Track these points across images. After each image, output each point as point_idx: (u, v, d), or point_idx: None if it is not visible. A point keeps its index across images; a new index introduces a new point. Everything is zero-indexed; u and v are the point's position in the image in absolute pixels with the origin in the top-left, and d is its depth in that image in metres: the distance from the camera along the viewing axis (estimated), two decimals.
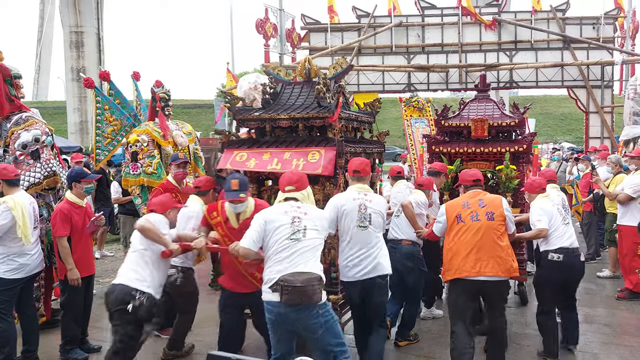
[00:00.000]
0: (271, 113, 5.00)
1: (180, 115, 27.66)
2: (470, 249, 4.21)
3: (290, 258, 3.54)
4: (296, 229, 3.61)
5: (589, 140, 13.39)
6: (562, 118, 39.47)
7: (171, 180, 5.77)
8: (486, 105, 6.87)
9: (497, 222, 4.28)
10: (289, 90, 5.37)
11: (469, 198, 4.46)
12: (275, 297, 3.49)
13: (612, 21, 13.28)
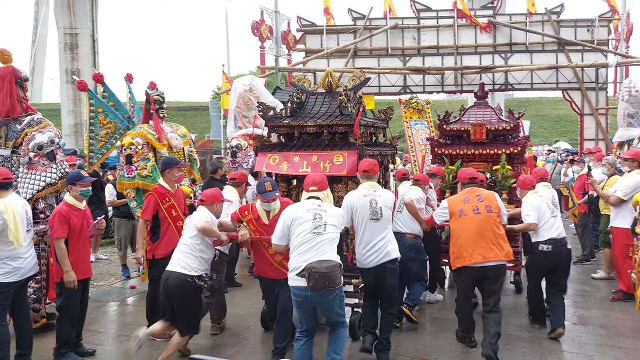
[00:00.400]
0: (299, 120, 5.66)
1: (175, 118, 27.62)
2: (476, 240, 4.89)
3: (314, 249, 4.10)
4: (318, 224, 4.18)
5: (583, 141, 13.45)
6: (557, 120, 39.56)
7: (163, 184, 5.65)
8: (484, 111, 7.45)
9: (494, 213, 5.00)
10: (312, 99, 6.01)
11: (467, 194, 5.16)
12: (302, 282, 4.05)
13: (606, 23, 13.35)
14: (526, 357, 5.10)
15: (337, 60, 13.91)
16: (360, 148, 5.31)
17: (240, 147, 9.16)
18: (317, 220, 4.20)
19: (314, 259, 4.05)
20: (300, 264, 4.09)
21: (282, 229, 4.29)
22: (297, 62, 14.01)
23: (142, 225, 5.60)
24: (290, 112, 5.91)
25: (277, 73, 12.10)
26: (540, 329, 5.78)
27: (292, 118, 5.78)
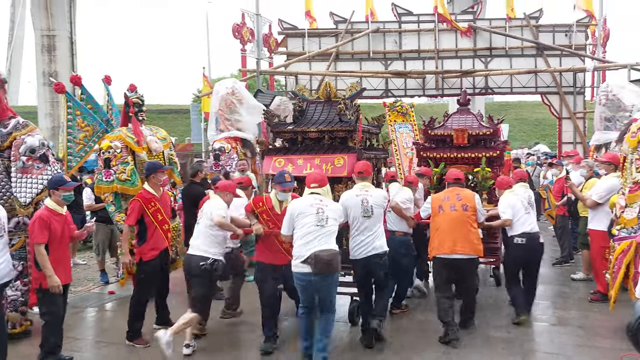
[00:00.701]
0: (302, 126, 6.25)
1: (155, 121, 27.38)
2: (449, 233, 5.47)
3: (318, 239, 4.63)
4: (321, 218, 4.70)
5: (562, 145, 13.62)
6: (536, 124, 40.10)
7: (149, 189, 5.66)
8: (466, 117, 7.91)
9: (470, 212, 5.56)
10: (312, 107, 6.57)
11: (448, 193, 5.77)
12: (306, 269, 4.59)
13: (583, 29, 13.57)
14: (506, 358, 5.12)
15: (319, 63, 13.91)
16: (359, 152, 5.91)
17: (224, 150, 9.11)
18: (320, 214, 4.70)
19: (318, 248, 4.58)
20: (304, 252, 4.61)
21: (288, 221, 4.82)
22: (278, 65, 13.97)
23: (127, 230, 5.67)
24: (293, 119, 6.50)
25: (259, 76, 12.04)
26: (520, 332, 5.83)
27: (295, 124, 6.34)
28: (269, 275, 5.31)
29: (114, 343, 5.68)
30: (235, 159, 9.14)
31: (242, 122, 9.61)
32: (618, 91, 9.48)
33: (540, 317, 6.43)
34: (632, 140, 4.96)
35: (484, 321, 6.12)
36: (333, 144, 6.15)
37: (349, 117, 6.02)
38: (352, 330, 5.89)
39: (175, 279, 7.13)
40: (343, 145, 6.10)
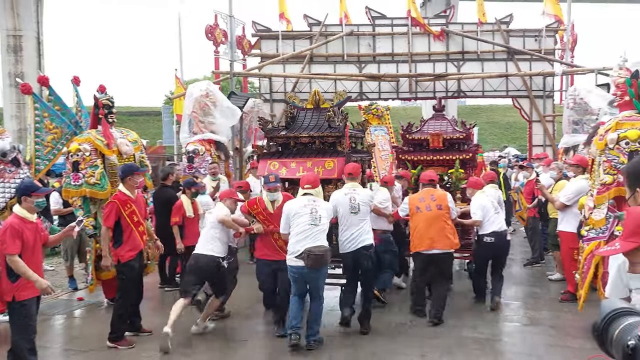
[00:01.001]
0: (294, 132, 6.77)
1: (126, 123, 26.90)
2: (426, 231, 6.12)
3: (311, 237, 5.19)
4: (315, 217, 5.26)
5: (532, 147, 13.85)
6: (507, 127, 40.76)
7: (125, 191, 5.64)
8: (441, 122, 8.50)
9: (444, 211, 6.21)
10: (302, 114, 7.08)
11: (423, 194, 6.39)
12: (299, 263, 5.17)
13: (552, 34, 13.83)
14: (479, 358, 5.17)
15: (293, 65, 13.86)
16: (347, 155, 6.49)
17: (198, 152, 8.99)
18: (313, 214, 5.26)
19: (311, 245, 5.14)
20: (299, 248, 5.18)
21: (285, 221, 5.39)
22: (252, 67, 13.87)
23: (105, 232, 5.69)
24: (285, 125, 7.05)
25: (232, 78, 11.92)
26: (492, 332, 5.89)
27: (287, 130, 6.88)
28: (267, 269, 5.88)
29: (83, 351, 5.55)
30: (209, 161, 9.04)
31: (216, 125, 9.50)
32: (585, 95, 9.68)
33: (512, 318, 6.52)
34: (599, 143, 5.05)
35: (457, 322, 6.18)
36: (323, 148, 6.66)
37: (338, 123, 6.57)
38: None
39: (147, 284, 7.00)
40: (332, 149, 6.63)
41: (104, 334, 5.65)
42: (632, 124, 4.79)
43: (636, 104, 4.87)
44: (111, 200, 5.66)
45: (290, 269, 5.32)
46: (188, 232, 7.11)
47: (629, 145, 4.73)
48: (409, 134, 8.32)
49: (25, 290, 4.46)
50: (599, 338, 1.44)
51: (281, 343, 5.58)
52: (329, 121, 6.64)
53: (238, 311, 6.71)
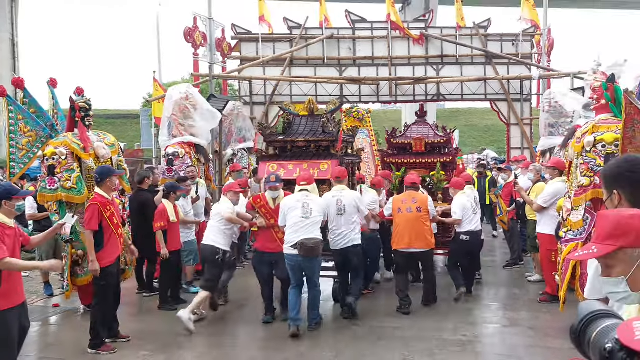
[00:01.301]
0: (291, 137, 7.43)
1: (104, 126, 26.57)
2: (406, 231, 6.63)
3: (304, 229, 5.83)
4: (306, 211, 5.88)
5: (510, 150, 14.00)
6: (486, 130, 41.26)
7: (102, 194, 5.59)
8: (424, 127, 9.11)
9: (423, 213, 6.71)
10: (298, 120, 7.73)
11: (405, 196, 6.88)
12: (294, 252, 5.82)
13: (529, 38, 14.01)
14: (460, 359, 5.20)
15: (274, 68, 13.81)
16: (340, 158, 7.16)
17: (177, 154, 8.89)
18: (305, 208, 5.88)
19: (304, 237, 5.75)
20: (294, 239, 5.81)
21: (282, 215, 6.00)
22: (232, 70, 13.78)
23: (90, 236, 5.50)
24: (283, 130, 7.75)
25: (212, 80, 11.83)
26: (473, 334, 5.93)
27: (285, 135, 7.54)
28: (265, 261, 6.36)
29: (60, 358, 5.43)
30: (188, 164, 8.95)
31: (196, 128, 9.41)
32: (560, 98, 9.84)
33: (492, 319, 6.57)
34: (577, 146, 5.12)
35: (438, 325, 6.21)
36: (318, 152, 7.29)
37: (331, 129, 7.20)
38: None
39: (125, 289, 6.88)
40: (327, 152, 7.27)
41: (81, 341, 5.54)
42: (609, 127, 4.86)
43: (612, 107, 4.95)
44: (92, 203, 5.54)
45: (287, 258, 5.94)
46: (170, 237, 7.02)
47: (606, 148, 4.80)
48: (393, 138, 8.89)
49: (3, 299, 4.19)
50: (577, 340, 1.44)
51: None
52: (323, 127, 7.31)
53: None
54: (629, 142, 3.15)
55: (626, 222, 1.72)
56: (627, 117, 3.13)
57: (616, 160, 2.09)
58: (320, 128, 7.38)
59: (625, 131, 3.16)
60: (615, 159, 2.09)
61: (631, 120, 3.10)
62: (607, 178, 2.14)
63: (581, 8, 34.85)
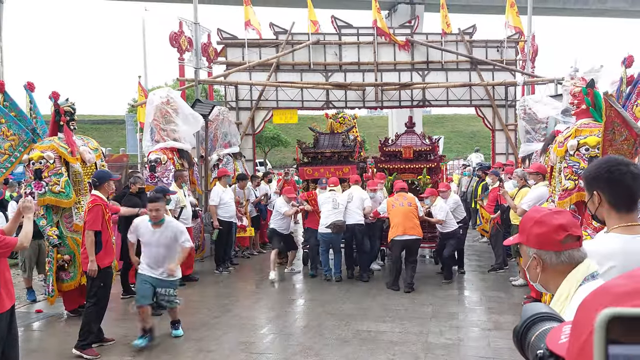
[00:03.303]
0: (320, 149, 10.40)
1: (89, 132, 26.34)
2: (401, 222, 8.04)
3: (333, 215, 8.56)
4: (335, 204, 8.64)
5: (495, 156, 14.13)
6: (471, 135, 41.63)
7: (100, 196, 5.67)
8: (412, 137, 10.40)
9: (413, 207, 8.25)
10: (323, 137, 10.77)
11: (398, 196, 8.39)
12: (328, 230, 8.53)
13: (514, 45, 14.18)
14: None
15: (259, 73, 13.82)
16: (357, 164, 10.19)
17: (160, 160, 8.83)
18: (334, 202, 8.63)
19: (334, 219, 8.49)
20: (327, 221, 8.54)
21: (320, 204, 8.86)
22: (218, 75, 13.76)
23: (92, 237, 5.53)
24: (313, 144, 10.52)
25: (197, 85, 11.80)
26: (458, 337, 5.96)
27: (315, 148, 10.46)
28: (313, 235, 9.12)
29: None
30: (171, 170, 8.90)
31: (179, 132, 9.36)
32: (533, 105, 10.04)
33: (477, 322, 6.60)
34: (559, 150, 5.19)
35: (424, 329, 6.23)
36: (339, 160, 10.22)
37: (349, 143, 10.34)
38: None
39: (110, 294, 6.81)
40: (346, 160, 10.26)
41: (64, 347, 5.48)
42: (591, 131, 4.93)
43: (592, 112, 5.03)
44: (95, 204, 5.57)
45: (322, 235, 8.71)
46: None
47: (589, 152, 4.87)
48: (385, 146, 10.34)
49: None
50: (519, 343, 1.38)
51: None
52: (343, 141, 10.39)
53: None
54: (609, 144, 3.20)
55: (525, 223, 1.83)
56: (607, 119, 3.19)
57: (596, 161, 2.14)
58: (341, 142, 10.37)
59: (606, 133, 3.22)
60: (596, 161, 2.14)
61: (611, 123, 3.15)
62: (588, 179, 2.19)
63: (565, 16, 35.37)
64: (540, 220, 1.76)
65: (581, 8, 33.00)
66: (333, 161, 10.19)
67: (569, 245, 1.72)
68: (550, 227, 1.73)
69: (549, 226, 1.74)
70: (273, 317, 6.99)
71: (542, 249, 1.74)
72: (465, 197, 14.00)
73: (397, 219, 8.10)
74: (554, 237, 1.72)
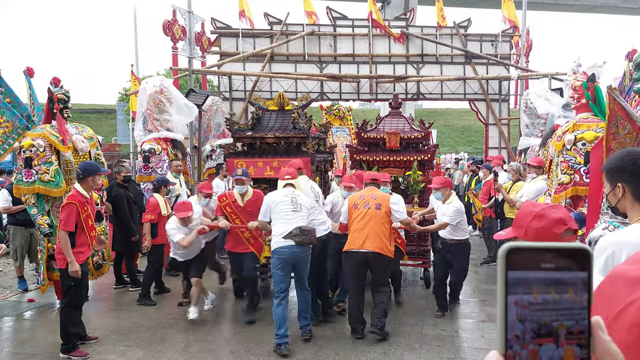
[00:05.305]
0: (260, 132, 7.06)
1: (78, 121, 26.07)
2: (360, 229, 5.48)
3: (294, 221, 5.35)
4: (295, 204, 5.46)
5: (488, 150, 14.18)
6: (463, 130, 41.75)
7: (81, 191, 5.29)
8: (398, 120, 7.96)
9: (382, 212, 5.54)
10: (267, 115, 7.37)
11: (365, 192, 5.76)
12: (288, 242, 5.26)
13: (508, 39, 14.20)
14: (440, 354, 5.24)
15: (254, 64, 13.73)
16: (312, 156, 6.80)
17: (154, 151, 8.75)
18: (294, 202, 5.47)
19: (296, 225, 5.30)
20: (286, 228, 5.29)
21: (265, 209, 5.53)
22: (211, 65, 13.65)
23: (66, 237, 5.17)
24: (251, 126, 7.25)
25: (191, 75, 11.70)
26: (452, 329, 5.99)
27: (253, 130, 7.13)
28: (237, 261, 6.23)
29: (35, 354, 5.32)
30: (165, 161, 8.82)
31: (172, 122, 9.27)
32: (535, 100, 10.03)
33: (471, 314, 6.64)
34: (557, 144, 5.20)
35: (418, 321, 6.26)
36: (288, 149, 6.98)
37: (302, 125, 6.90)
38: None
39: (102, 284, 6.79)
40: (297, 149, 6.94)
41: (56, 337, 5.41)
42: (589, 126, 4.96)
43: (592, 106, 5.05)
44: (69, 201, 5.21)
45: (278, 252, 5.31)
46: (160, 230, 6.96)
47: (586, 146, 4.90)
48: (364, 132, 7.75)
49: None
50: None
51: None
52: (293, 123, 6.98)
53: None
54: (613, 137, 3.22)
55: (522, 217, 1.86)
56: (611, 112, 3.20)
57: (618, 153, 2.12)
58: (291, 124, 6.97)
59: (609, 127, 3.24)
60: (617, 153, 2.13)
61: (614, 117, 3.17)
62: (611, 171, 2.16)
63: (559, 11, 35.52)
64: (539, 214, 1.77)
65: (574, 4, 33.18)
66: (277, 151, 7.02)
67: (568, 238, 1.74)
68: (550, 221, 1.75)
69: (549, 220, 1.75)
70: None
71: None
72: (457, 190, 14.05)
73: (355, 225, 5.53)
74: (554, 230, 1.73)
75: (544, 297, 0.65)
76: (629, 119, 3.15)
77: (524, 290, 0.66)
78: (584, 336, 0.66)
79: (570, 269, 0.66)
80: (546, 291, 0.65)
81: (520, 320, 0.66)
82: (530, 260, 0.66)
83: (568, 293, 0.66)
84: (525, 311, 0.65)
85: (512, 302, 0.66)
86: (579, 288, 0.66)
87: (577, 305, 0.66)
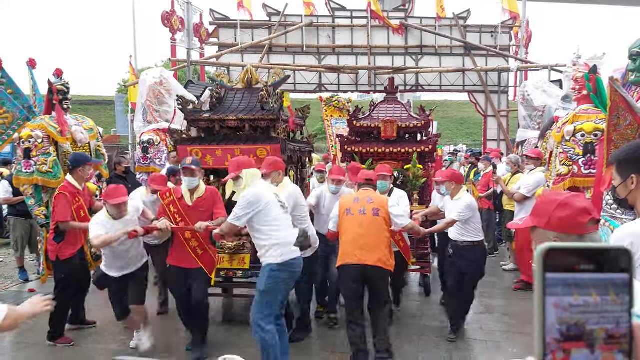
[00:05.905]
0: (220, 114, 5.66)
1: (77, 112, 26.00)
2: (356, 240, 4.56)
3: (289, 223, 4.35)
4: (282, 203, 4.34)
5: (487, 142, 14.19)
6: (461, 122, 41.68)
7: (73, 183, 5.32)
8: (395, 107, 7.18)
9: (381, 217, 4.65)
10: (232, 94, 6.04)
11: (359, 195, 4.84)
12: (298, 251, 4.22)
13: (508, 30, 14.18)
14: (439, 345, 5.27)
15: (252, 55, 13.71)
16: (283, 142, 5.44)
17: (152, 142, 8.74)
18: (280, 201, 4.33)
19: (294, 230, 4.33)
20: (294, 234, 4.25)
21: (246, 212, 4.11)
22: (210, 56, 13.64)
23: (66, 226, 5.20)
24: (210, 107, 5.95)
25: (190, 66, 11.69)
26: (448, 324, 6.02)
27: (212, 112, 5.77)
28: (180, 280, 4.79)
29: (37, 344, 5.35)
30: (164, 152, 8.81)
31: (172, 114, 9.26)
32: (532, 92, 10.03)
33: None
34: (557, 136, 5.22)
35: (418, 312, 6.30)
36: (254, 134, 5.65)
37: (272, 105, 5.53)
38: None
39: None
40: (265, 135, 5.61)
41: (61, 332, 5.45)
42: (588, 117, 4.97)
43: (593, 98, 5.05)
44: (60, 192, 5.22)
45: (291, 267, 4.19)
46: None
47: (585, 138, 4.91)
48: (356, 120, 6.90)
49: None
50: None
51: None
52: (262, 103, 5.61)
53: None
54: (614, 129, 3.24)
55: (544, 206, 1.79)
56: (612, 104, 3.22)
57: (629, 145, 2.12)
58: (259, 104, 5.69)
59: (610, 118, 3.25)
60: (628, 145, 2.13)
61: (616, 108, 3.18)
62: (622, 163, 2.16)
63: (558, 2, 35.40)
64: (564, 203, 1.74)
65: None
66: (241, 136, 5.68)
67: (592, 228, 1.72)
68: (575, 210, 1.72)
69: (573, 209, 1.72)
70: None
71: (564, 232, 1.71)
72: None
73: (349, 234, 4.63)
74: (579, 220, 1.71)
75: (585, 299, 0.64)
76: (630, 110, 3.16)
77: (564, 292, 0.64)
78: (625, 340, 0.65)
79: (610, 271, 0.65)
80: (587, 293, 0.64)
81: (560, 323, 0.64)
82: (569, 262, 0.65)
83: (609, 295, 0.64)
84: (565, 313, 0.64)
85: (551, 303, 0.64)
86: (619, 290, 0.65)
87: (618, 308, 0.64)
